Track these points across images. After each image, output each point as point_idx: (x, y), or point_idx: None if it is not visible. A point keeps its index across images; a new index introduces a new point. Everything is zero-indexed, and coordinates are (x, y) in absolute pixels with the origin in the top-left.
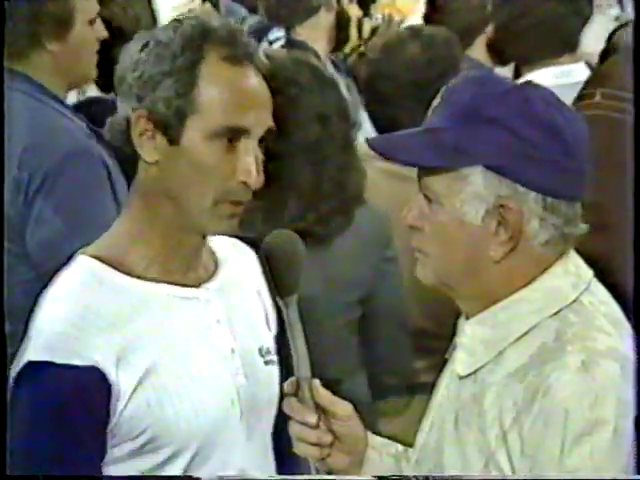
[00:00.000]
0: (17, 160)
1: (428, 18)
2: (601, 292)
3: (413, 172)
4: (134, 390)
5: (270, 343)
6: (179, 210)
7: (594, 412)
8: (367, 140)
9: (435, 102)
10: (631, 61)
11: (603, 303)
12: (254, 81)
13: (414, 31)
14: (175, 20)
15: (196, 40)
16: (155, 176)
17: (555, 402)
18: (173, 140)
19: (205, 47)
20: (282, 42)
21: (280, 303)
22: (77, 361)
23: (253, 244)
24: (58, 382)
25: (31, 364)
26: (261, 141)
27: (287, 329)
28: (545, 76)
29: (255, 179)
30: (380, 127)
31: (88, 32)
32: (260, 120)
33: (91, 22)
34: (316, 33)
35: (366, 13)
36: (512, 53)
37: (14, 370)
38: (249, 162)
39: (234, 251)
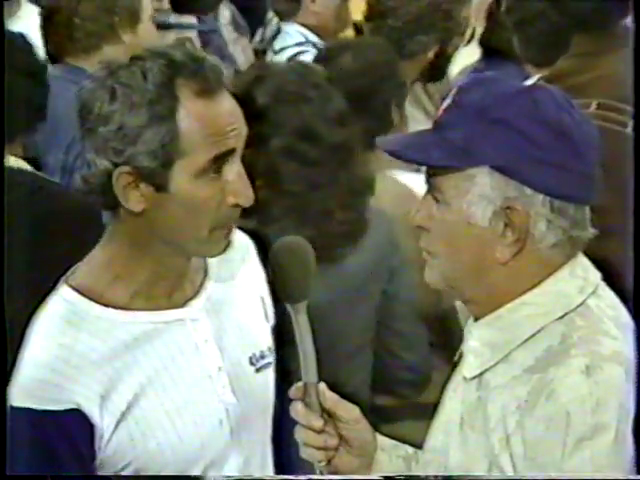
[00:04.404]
0: (65, 146)
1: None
2: (609, 296)
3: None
4: (116, 426)
5: (266, 343)
6: (171, 246)
7: (595, 417)
8: (377, 140)
9: (445, 102)
10: (631, 61)
11: (610, 307)
12: (228, 106)
13: (345, 43)
14: (136, 58)
15: (168, 82)
16: (143, 222)
17: (557, 406)
18: (160, 187)
19: (177, 86)
20: (293, 50)
21: (290, 309)
22: (57, 406)
23: (252, 233)
24: (40, 427)
25: (15, 409)
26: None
27: (295, 334)
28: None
29: (245, 198)
30: None
31: (150, 27)
32: (240, 135)
33: (150, 19)
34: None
35: None
36: (520, 53)
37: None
38: (237, 184)
39: (230, 249)
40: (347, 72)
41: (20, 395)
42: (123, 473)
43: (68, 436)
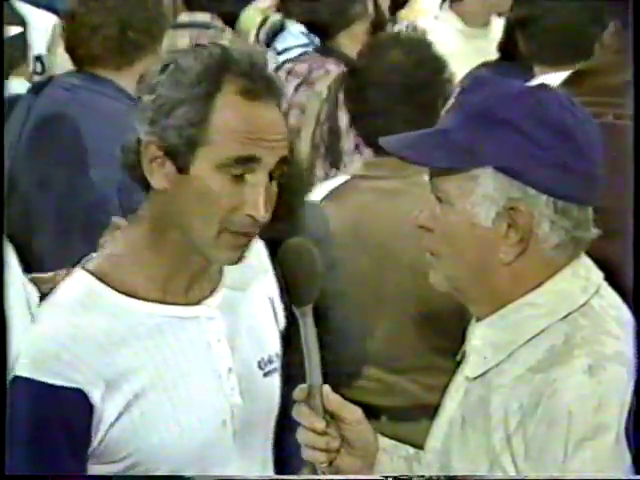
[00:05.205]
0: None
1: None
2: (611, 296)
3: (406, 187)
4: (120, 415)
5: (275, 348)
6: (185, 237)
7: (597, 416)
8: (380, 140)
9: (449, 103)
10: (631, 62)
11: (613, 307)
12: (270, 116)
13: (394, 37)
14: (199, 45)
15: (215, 70)
16: (163, 203)
17: (560, 405)
18: (182, 169)
19: (223, 78)
20: (297, 51)
21: (296, 312)
22: (59, 381)
23: (266, 240)
24: (38, 399)
25: (17, 378)
26: (281, 175)
27: (302, 337)
28: (554, 80)
29: (262, 213)
30: (373, 140)
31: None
32: (273, 150)
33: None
34: (352, 40)
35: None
36: (525, 51)
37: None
38: (257, 195)
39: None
40: (398, 66)
41: (24, 365)
42: (123, 464)
43: (64, 414)
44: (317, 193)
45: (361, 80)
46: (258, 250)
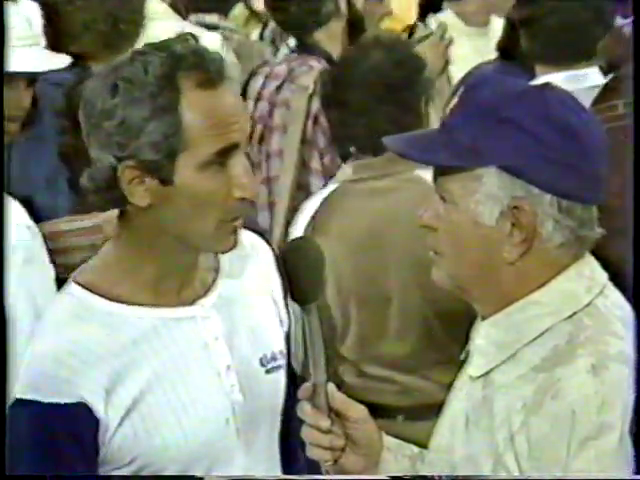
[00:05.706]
0: None
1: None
2: (615, 296)
3: (398, 183)
4: (121, 421)
5: (279, 346)
6: (179, 240)
7: (600, 416)
8: (383, 140)
9: (452, 102)
10: (631, 61)
11: (617, 306)
12: (231, 98)
13: (375, 39)
14: (137, 53)
15: (168, 74)
16: (149, 217)
17: (563, 405)
18: (165, 181)
19: (179, 78)
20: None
21: (300, 310)
22: (63, 399)
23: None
24: (45, 419)
25: (19, 401)
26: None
27: (306, 335)
28: (556, 79)
29: (251, 191)
30: (359, 142)
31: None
32: (244, 129)
33: None
34: (328, 37)
35: (422, 19)
36: (527, 51)
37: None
38: (242, 177)
39: (242, 249)
40: (380, 66)
41: (25, 387)
42: (129, 468)
43: (72, 429)
44: (310, 204)
45: (343, 82)
46: (259, 246)
